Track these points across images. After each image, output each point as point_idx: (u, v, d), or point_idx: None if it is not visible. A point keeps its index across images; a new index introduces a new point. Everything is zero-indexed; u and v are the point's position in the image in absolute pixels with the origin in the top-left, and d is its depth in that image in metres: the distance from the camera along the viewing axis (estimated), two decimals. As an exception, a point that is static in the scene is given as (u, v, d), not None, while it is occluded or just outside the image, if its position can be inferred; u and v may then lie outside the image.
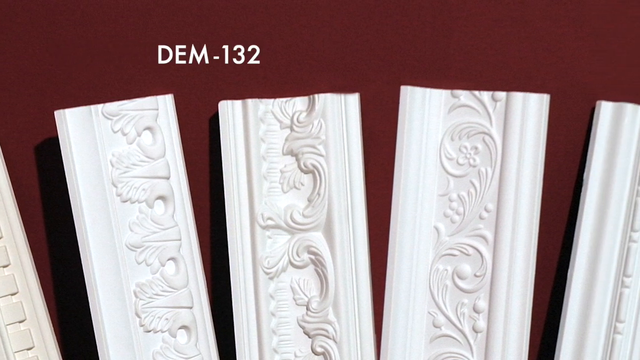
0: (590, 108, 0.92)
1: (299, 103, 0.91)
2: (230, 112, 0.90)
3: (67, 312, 0.95)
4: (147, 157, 0.90)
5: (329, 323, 0.91)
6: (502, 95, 0.90)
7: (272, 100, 0.91)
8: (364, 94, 0.92)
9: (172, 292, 0.91)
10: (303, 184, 0.91)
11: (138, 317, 0.90)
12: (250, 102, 0.90)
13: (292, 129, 0.91)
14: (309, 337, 0.92)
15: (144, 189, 0.90)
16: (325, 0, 0.93)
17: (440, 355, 0.92)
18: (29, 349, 0.91)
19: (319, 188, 0.91)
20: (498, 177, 0.91)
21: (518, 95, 0.90)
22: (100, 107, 0.89)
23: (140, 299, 0.90)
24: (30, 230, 0.93)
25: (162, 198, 0.90)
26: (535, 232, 0.90)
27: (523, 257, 0.90)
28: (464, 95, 0.90)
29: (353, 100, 0.90)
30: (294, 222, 0.91)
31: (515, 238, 0.90)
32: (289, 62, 0.93)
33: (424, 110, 0.90)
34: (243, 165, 0.90)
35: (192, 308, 0.91)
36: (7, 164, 0.92)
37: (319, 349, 0.92)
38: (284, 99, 0.91)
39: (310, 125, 0.90)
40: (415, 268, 0.91)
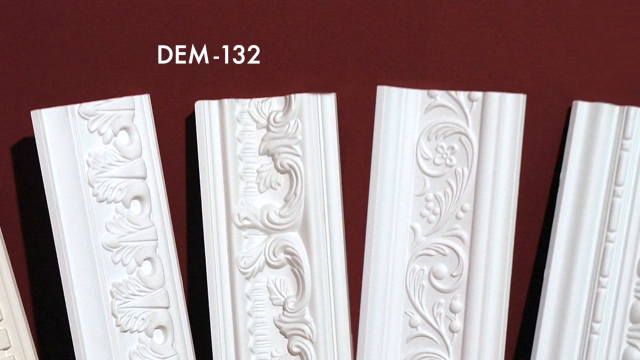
0: (567, 108, 0.92)
1: (276, 103, 0.91)
2: (207, 112, 0.90)
3: (43, 312, 0.95)
4: (123, 157, 0.90)
5: (306, 323, 0.91)
6: (478, 95, 0.90)
7: (248, 100, 0.91)
8: (341, 94, 0.92)
9: (148, 292, 0.90)
10: (279, 184, 0.91)
11: (114, 317, 0.90)
12: (227, 102, 0.90)
13: (268, 129, 0.91)
14: (286, 337, 0.92)
15: (121, 189, 0.90)
16: (302, 1, 0.93)
17: (417, 356, 0.92)
18: (5, 349, 0.91)
19: (296, 188, 0.91)
20: (474, 177, 0.90)
21: (494, 95, 0.89)
22: (77, 107, 0.89)
23: (117, 299, 0.90)
24: (7, 230, 0.93)
25: (138, 198, 0.90)
26: (512, 232, 0.90)
27: (499, 257, 0.90)
28: (441, 95, 0.90)
29: (329, 100, 0.90)
30: (271, 222, 0.91)
31: (492, 238, 0.90)
32: (266, 62, 0.93)
33: (401, 110, 0.90)
34: (219, 165, 0.90)
35: (168, 308, 0.91)
36: (-17, 164, 0.92)
37: (296, 349, 0.92)
38: (261, 99, 0.91)
39: (287, 125, 0.90)
40: (392, 268, 0.91)
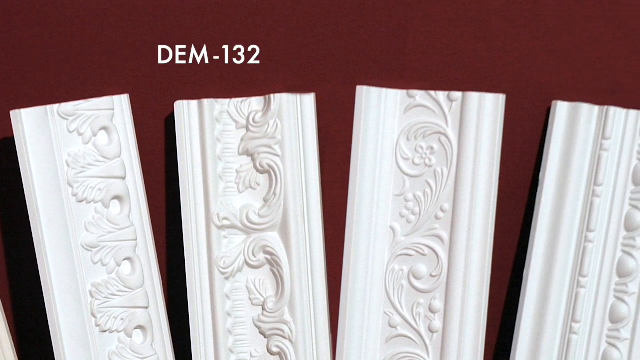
0: (546, 108, 0.92)
1: (255, 103, 0.91)
2: (186, 112, 0.90)
3: (23, 312, 0.95)
4: (102, 157, 0.90)
5: (285, 323, 0.91)
6: (457, 95, 0.90)
7: (227, 100, 0.91)
8: (320, 94, 0.92)
9: (127, 292, 0.90)
10: (259, 184, 0.91)
11: (94, 317, 0.90)
12: (206, 102, 0.90)
13: (248, 129, 0.91)
14: (265, 337, 0.92)
15: (100, 189, 0.90)
16: (280, 1, 0.93)
17: (396, 355, 0.92)
18: (-15, 349, 0.91)
19: (275, 188, 0.91)
20: (454, 177, 0.90)
21: (474, 95, 0.89)
22: (56, 107, 0.89)
23: (96, 299, 0.90)
24: (-14, 230, 0.94)
25: (118, 198, 0.90)
26: (491, 232, 0.90)
27: (479, 257, 0.90)
28: (420, 95, 0.90)
29: (309, 100, 0.90)
30: (250, 222, 0.91)
31: (471, 238, 0.90)
32: (245, 62, 0.93)
33: (380, 110, 0.90)
34: (199, 165, 0.90)
35: (148, 308, 0.91)
36: (-37, 164, 0.92)
37: (275, 349, 0.92)
38: (240, 99, 0.91)
39: (266, 125, 0.90)
40: (371, 268, 0.91)
